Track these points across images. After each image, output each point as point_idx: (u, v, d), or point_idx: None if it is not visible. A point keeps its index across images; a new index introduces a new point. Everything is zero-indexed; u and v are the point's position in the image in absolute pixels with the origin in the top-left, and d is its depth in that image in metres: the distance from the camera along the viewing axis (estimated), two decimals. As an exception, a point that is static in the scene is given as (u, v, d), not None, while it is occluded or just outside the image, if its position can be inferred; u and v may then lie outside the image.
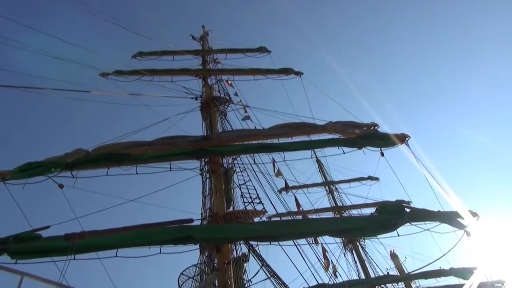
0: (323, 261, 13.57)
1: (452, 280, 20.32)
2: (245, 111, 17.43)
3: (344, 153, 13.98)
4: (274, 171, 14.22)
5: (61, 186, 11.07)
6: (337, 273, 17.38)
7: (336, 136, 14.30)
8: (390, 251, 26.07)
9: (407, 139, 14.15)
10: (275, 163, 14.15)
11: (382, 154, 14.12)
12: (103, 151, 11.81)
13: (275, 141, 13.63)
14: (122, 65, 18.13)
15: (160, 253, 10.22)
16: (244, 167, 14.14)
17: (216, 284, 10.65)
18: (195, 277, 10.59)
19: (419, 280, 21.81)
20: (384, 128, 14.40)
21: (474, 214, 13.61)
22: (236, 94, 18.62)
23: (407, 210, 12.85)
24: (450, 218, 12.54)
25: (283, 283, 11.22)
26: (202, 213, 12.99)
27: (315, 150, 16.64)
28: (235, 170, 14.23)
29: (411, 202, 16.53)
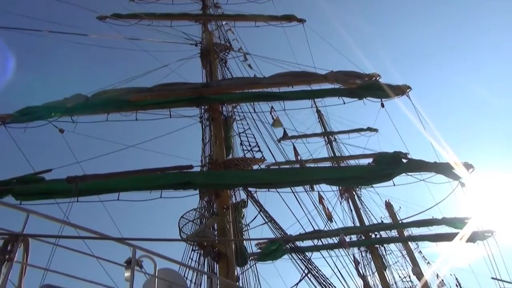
0: (321, 207, 13.96)
1: (444, 229, 21.01)
2: (245, 59, 17.15)
3: (344, 103, 13.94)
4: (272, 117, 14.20)
5: (61, 131, 11.15)
6: (332, 220, 17.96)
7: (337, 86, 14.20)
8: (385, 200, 26.74)
9: (408, 90, 14.07)
10: (273, 111, 14.12)
11: (383, 105, 14.09)
12: (102, 96, 11.76)
13: (275, 90, 13.54)
14: (120, 8, 17.63)
15: (161, 197, 10.49)
16: (243, 115, 14.13)
17: (215, 228, 11.01)
18: (195, 221, 10.92)
19: (412, 228, 22.53)
20: (385, 81, 14.29)
21: (469, 166, 13.83)
22: (236, 40, 18.23)
23: (404, 161, 13.05)
24: (445, 169, 12.76)
25: (280, 228, 11.58)
26: (201, 160, 13.14)
27: (315, 99, 16.58)
28: (235, 118, 14.24)
29: (408, 153, 16.70)
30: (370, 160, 17.26)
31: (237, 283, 10.06)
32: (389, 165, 12.41)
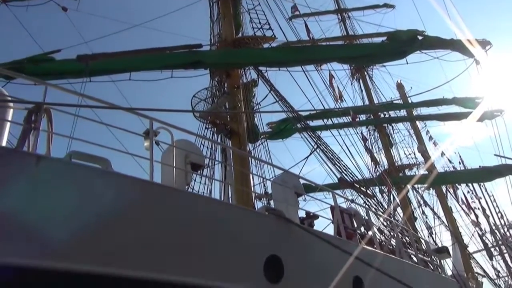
0: (330, 87, 13.97)
1: (453, 109, 21.16)
2: None
3: (360, -26, 13.08)
4: None
5: (64, 9, 10.79)
6: (343, 99, 18.12)
7: (353, -45, 13.15)
8: (397, 81, 26.52)
9: (431, -43, 13.02)
10: None
11: (401, -23, 13.20)
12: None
13: (286, -40, 12.63)
14: None
15: (171, 77, 10.57)
16: (253, -11, 13.31)
17: (227, 106, 11.20)
18: (206, 100, 11.10)
19: (421, 108, 22.70)
20: None
21: (486, 43, 13.39)
22: None
23: (420, 38, 12.62)
24: (461, 46, 12.38)
25: (291, 106, 11.73)
26: (210, 39, 12.83)
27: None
28: (244, -8, 13.46)
29: (425, 31, 16.06)
30: (384, 38, 16.66)
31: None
32: (404, 43, 12.05)
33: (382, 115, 22.54)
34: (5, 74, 6.33)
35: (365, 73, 24.62)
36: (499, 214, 23.15)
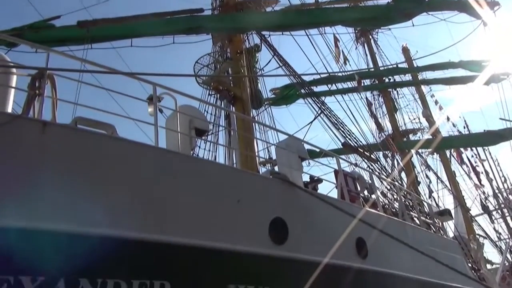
0: (334, 50, 13.75)
1: (459, 72, 20.81)
2: None
3: None
4: None
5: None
6: (347, 63, 17.89)
7: None
8: (402, 45, 26.05)
9: None
10: None
11: None
12: None
13: None
14: None
15: (173, 43, 10.46)
16: None
17: (230, 72, 11.10)
18: (209, 66, 11.00)
19: (427, 72, 22.36)
20: None
21: (495, 4, 13.06)
22: None
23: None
24: (469, 6, 12.07)
25: (294, 71, 11.59)
26: (212, 3, 12.57)
27: None
28: None
29: (432, -8, 15.62)
30: (390, 0, 16.12)
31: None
32: (410, 4, 11.77)
33: (387, 80, 22.26)
34: (8, 40, 6.25)
35: (370, 36, 24.13)
36: (503, 178, 23.30)
